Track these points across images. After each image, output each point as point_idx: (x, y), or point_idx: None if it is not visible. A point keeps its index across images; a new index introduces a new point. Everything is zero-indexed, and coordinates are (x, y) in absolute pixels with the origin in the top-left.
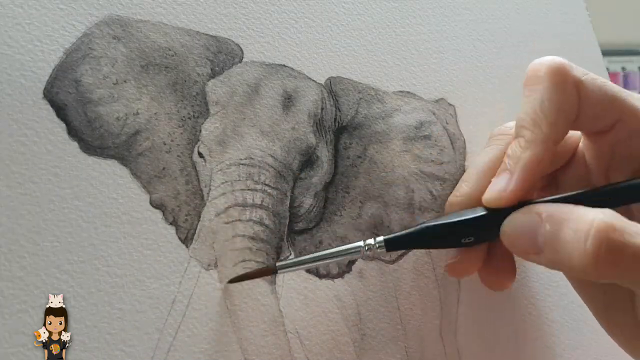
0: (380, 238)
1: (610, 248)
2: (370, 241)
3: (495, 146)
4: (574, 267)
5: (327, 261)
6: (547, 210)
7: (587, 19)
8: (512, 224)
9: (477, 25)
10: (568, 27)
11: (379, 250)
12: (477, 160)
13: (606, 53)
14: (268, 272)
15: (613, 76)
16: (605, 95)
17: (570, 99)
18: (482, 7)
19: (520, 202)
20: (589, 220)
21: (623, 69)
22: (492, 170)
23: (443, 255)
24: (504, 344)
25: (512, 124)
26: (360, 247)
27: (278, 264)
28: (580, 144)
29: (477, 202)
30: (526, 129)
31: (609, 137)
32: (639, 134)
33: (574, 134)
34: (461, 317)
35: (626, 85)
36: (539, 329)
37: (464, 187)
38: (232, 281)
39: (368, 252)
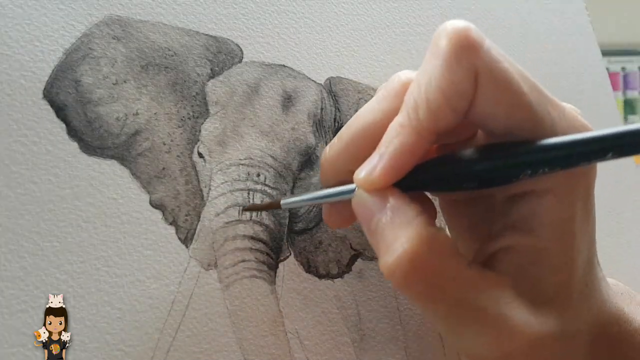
0: None
1: (406, 273)
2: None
3: (377, 107)
4: (380, 268)
5: (326, 200)
6: (394, 204)
7: (587, 19)
8: (361, 197)
9: (477, 25)
10: (568, 27)
11: None
12: (356, 118)
13: (606, 53)
14: (275, 206)
15: (613, 76)
16: (510, 97)
17: (462, 90)
18: (482, 7)
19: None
20: (404, 235)
21: (623, 69)
22: (366, 135)
23: None
24: None
25: (407, 75)
26: (354, 188)
27: (282, 200)
28: None
29: (345, 168)
30: (406, 109)
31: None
32: None
33: None
34: None
35: (626, 85)
36: None
37: (334, 149)
38: (245, 209)
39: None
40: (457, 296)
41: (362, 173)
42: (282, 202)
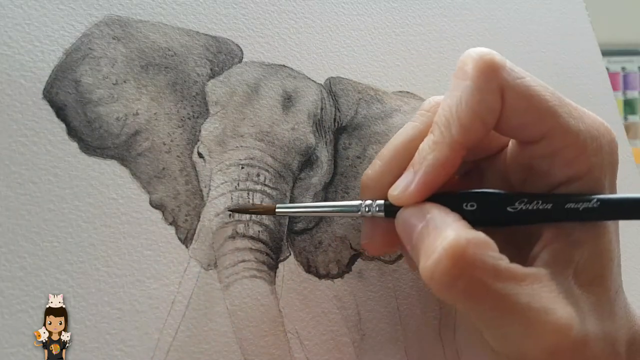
0: (381, 201)
1: (446, 270)
2: (369, 202)
3: (417, 124)
4: (421, 274)
5: (325, 214)
6: (432, 213)
7: (587, 19)
8: (402, 214)
9: (477, 25)
10: (568, 27)
11: (378, 212)
12: (397, 136)
13: (606, 53)
14: (269, 211)
15: (613, 76)
16: (536, 107)
17: (490, 105)
18: (482, 7)
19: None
20: (443, 236)
21: (623, 69)
22: (407, 152)
23: None
24: None
25: (438, 98)
26: (358, 205)
27: (277, 206)
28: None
29: (387, 185)
30: (438, 128)
31: (532, 149)
32: (562, 153)
33: None
34: (460, 317)
35: (626, 85)
36: None
37: (377, 167)
38: (232, 210)
39: (367, 213)
40: (500, 291)
41: (397, 190)
42: (277, 209)
